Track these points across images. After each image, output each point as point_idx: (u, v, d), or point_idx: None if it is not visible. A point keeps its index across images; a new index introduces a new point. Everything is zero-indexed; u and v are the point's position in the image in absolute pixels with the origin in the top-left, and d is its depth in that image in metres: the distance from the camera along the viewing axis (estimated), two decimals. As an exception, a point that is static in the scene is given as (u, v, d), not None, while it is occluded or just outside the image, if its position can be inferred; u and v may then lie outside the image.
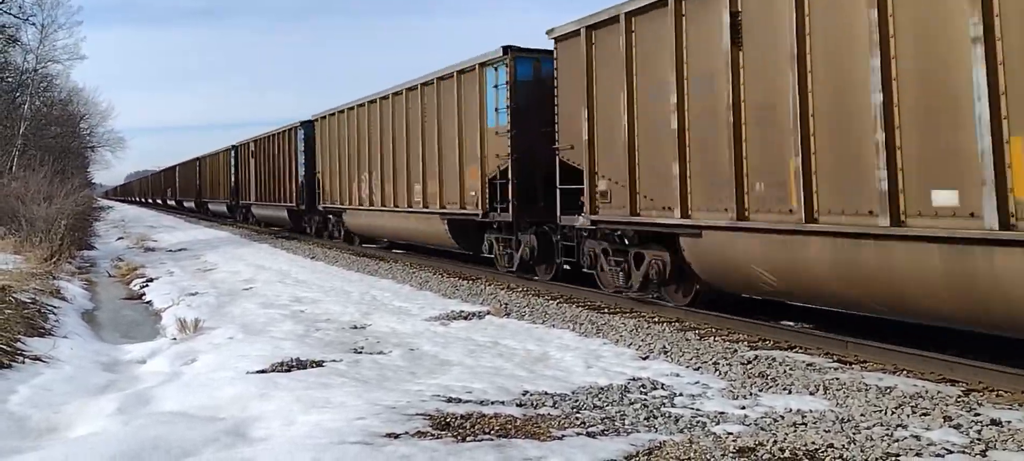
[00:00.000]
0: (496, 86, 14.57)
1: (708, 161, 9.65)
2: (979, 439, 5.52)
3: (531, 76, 14.07)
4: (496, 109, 14.53)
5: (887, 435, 5.62)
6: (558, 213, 12.75)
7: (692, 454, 5.30)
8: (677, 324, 10.07)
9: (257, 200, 34.80)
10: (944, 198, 7.04)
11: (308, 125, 27.13)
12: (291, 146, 28.96)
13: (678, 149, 10.02)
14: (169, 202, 71.44)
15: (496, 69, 14.62)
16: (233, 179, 39.90)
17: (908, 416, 6.04)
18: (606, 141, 11.51)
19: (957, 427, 5.77)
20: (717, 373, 7.59)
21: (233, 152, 39.84)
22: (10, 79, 37.04)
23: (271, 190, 32.14)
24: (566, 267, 13.50)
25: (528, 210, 14.08)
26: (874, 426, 5.83)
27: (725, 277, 9.87)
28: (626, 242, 11.54)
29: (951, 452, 5.29)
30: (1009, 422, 5.84)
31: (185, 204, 60.17)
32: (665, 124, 10.24)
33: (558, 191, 12.74)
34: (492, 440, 5.67)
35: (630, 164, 10.93)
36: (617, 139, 11.18)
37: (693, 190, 9.93)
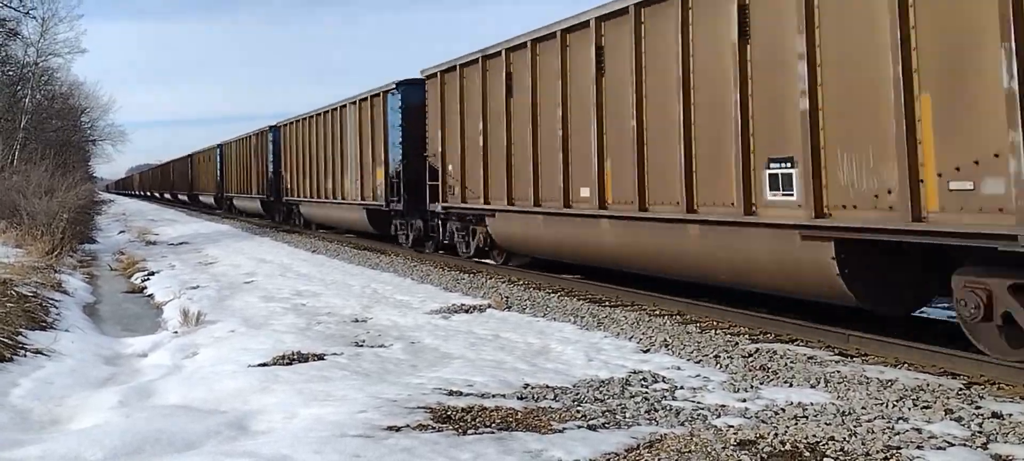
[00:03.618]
0: (393, 109, 19.48)
1: (497, 168, 14.49)
2: (980, 432, 5.52)
3: (417, 101, 18.35)
4: (393, 126, 19.50)
5: (888, 428, 5.62)
6: (428, 202, 17.65)
7: (693, 447, 5.30)
8: (678, 317, 10.07)
9: (237, 193, 40.02)
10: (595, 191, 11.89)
11: (275, 130, 32.14)
12: (263, 146, 33.73)
13: (483, 159, 14.94)
14: (165, 195, 72.50)
15: (393, 96, 19.54)
16: (219, 174, 44.45)
17: (909, 409, 6.04)
18: (451, 151, 16.40)
19: (958, 420, 5.77)
20: (718, 366, 7.59)
21: (218, 150, 44.49)
22: (11, 72, 36.98)
23: (248, 184, 37.11)
24: (445, 243, 17.72)
25: (415, 201, 18.53)
26: (875, 419, 5.83)
27: (509, 243, 14.94)
28: (470, 221, 16.24)
29: (952, 445, 5.29)
30: (1010, 415, 5.84)
31: (180, 197, 63.21)
32: (477, 142, 15.16)
33: (428, 186, 17.51)
34: (493, 433, 5.68)
35: (462, 167, 15.88)
36: (456, 150, 16.10)
37: (491, 186, 14.77)
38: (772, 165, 8.72)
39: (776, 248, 8.65)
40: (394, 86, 19.36)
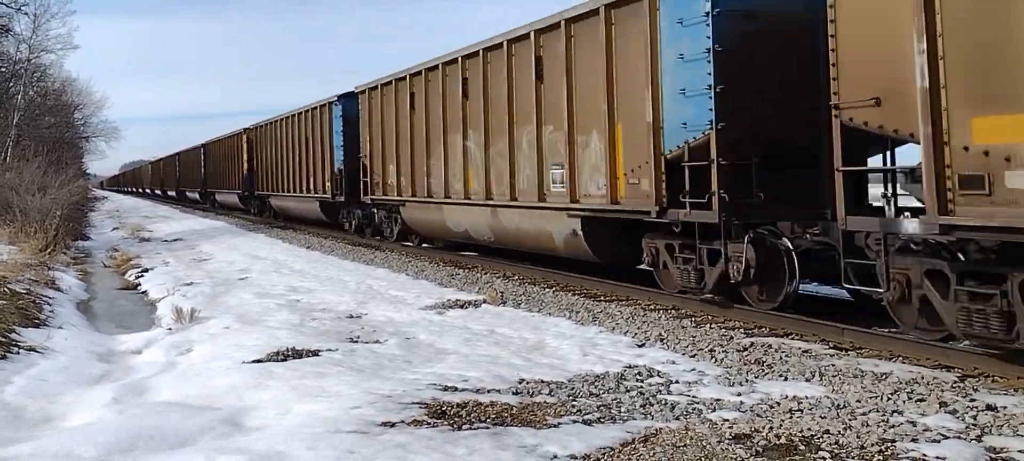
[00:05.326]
0: (336, 117, 22.89)
1: (406, 168, 17.81)
2: (975, 424, 5.53)
3: (354, 111, 21.50)
4: (337, 132, 22.87)
5: (883, 421, 5.62)
6: (362, 196, 20.86)
7: (688, 441, 5.30)
8: (673, 311, 10.08)
9: (218, 189, 43.22)
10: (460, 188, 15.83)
11: (249, 131, 35.53)
12: (239, 146, 36.87)
13: (396, 160, 18.40)
14: (157, 191, 73.07)
15: (336, 106, 23.02)
16: (203, 171, 47.32)
17: (904, 402, 6.04)
18: (376, 154, 19.81)
19: (953, 412, 5.78)
20: (713, 360, 7.59)
21: (202, 149, 47.35)
22: (3, 69, 36.81)
23: (227, 181, 40.29)
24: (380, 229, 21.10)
25: (354, 194, 21.69)
26: (870, 412, 5.84)
27: (417, 228, 18.46)
28: (392, 211, 19.72)
29: (947, 437, 5.30)
30: (1005, 407, 5.85)
31: (169, 193, 64.84)
32: (392, 147, 18.63)
33: (362, 182, 20.66)
34: (488, 428, 5.67)
35: (383, 167, 19.32)
36: (379, 153, 19.58)
37: (402, 182, 18.12)
38: (553, 168, 12.43)
39: (557, 223, 12.31)
40: (336, 98, 23.01)
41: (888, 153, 7.92)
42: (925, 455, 5.01)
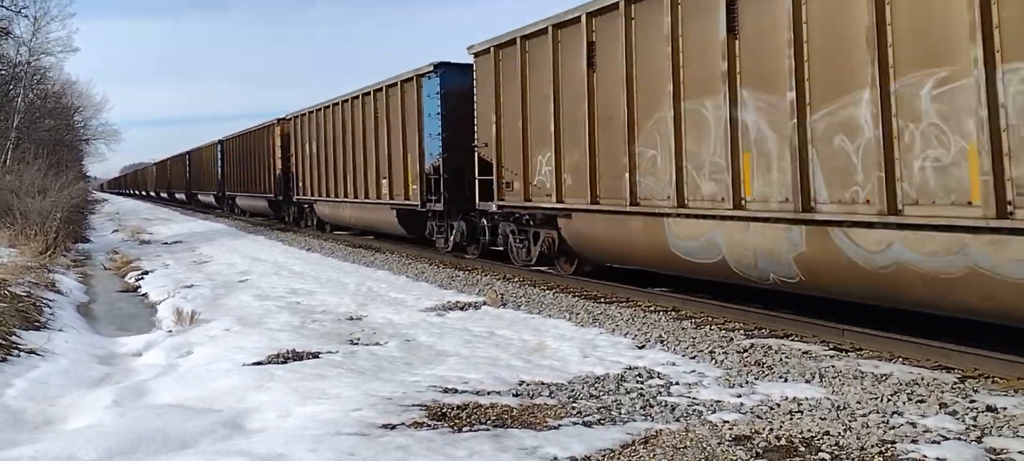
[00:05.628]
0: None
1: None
2: (975, 425, 5.53)
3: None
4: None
5: (883, 422, 5.63)
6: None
7: (688, 443, 5.30)
8: (673, 313, 10.08)
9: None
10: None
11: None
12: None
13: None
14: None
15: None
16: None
17: (904, 403, 6.05)
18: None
19: (953, 414, 5.78)
20: (713, 362, 7.59)
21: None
22: (3, 72, 36.85)
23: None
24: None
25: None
26: (870, 413, 5.84)
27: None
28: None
29: (947, 438, 5.30)
30: (1005, 408, 5.86)
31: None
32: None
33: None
34: (488, 430, 5.67)
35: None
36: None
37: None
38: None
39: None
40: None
41: None
42: (925, 456, 5.01)
